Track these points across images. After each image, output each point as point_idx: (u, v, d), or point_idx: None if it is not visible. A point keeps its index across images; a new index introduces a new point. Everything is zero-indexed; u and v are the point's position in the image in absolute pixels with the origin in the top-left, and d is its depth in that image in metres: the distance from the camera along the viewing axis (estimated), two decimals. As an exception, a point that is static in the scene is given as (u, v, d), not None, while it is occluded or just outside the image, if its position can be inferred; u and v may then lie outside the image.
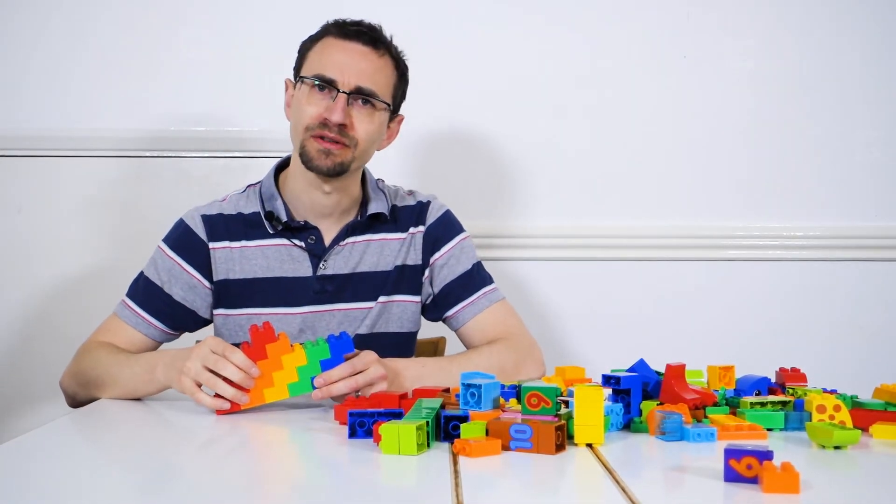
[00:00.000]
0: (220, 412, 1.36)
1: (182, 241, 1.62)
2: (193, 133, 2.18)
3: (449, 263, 1.67)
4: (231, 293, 1.61)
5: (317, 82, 1.55)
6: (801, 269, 2.23)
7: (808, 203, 2.23)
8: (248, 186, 1.68)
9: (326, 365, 1.36)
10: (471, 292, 1.67)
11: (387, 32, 1.62)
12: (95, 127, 2.17)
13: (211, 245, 1.61)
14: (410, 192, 1.73)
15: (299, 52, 1.64)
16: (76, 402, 1.57)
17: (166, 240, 1.63)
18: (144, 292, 1.61)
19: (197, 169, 2.18)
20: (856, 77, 2.23)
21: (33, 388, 2.16)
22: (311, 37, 1.63)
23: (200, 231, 1.62)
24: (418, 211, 1.69)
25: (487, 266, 1.73)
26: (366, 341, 1.62)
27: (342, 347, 1.37)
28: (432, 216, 1.69)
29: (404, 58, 1.65)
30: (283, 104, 1.67)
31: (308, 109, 1.55)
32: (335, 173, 1.56)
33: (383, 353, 1.54)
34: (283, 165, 1.68)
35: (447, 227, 1.70)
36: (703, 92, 2.23)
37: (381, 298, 1.65)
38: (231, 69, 2.18)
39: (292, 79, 1.64)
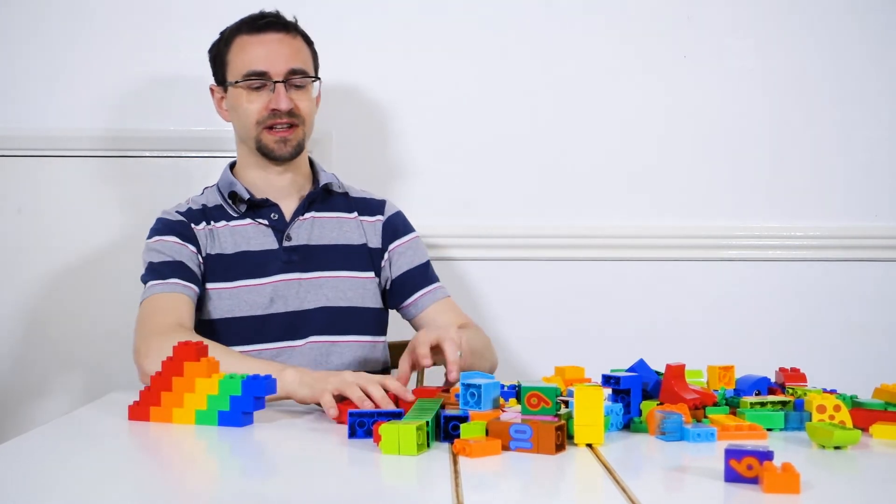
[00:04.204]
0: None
1: (167, 225, 1.70)
2: (193, 133, 2.18)
3: (407, 253, 1.79)
4: (216, 269, 1.69)
5: (252, 80, 1.68)
6: (801, 269, 2.22)
7: (808, 203, 2.23)
8: (205, 188, 1.80)
9: (236, 402, 1.28)
10: (429, 282, 1.79)
11: (286, 14, 1.74)
12: (95, 127, 2.16)
13: (192, 226, 1.71)
14: (364, 191, 1.85)
15: (213, 59, 1.76)
16: None
17: (152, 233, 1.71)
18: (160, 269, 1.65)
19: (197, 169, 2.18)
20: (856, 77, 2.22)
21: (33, 388, 2.16)
22: (218, 41, 1.76)
23: (179, 218, 1.71)
24: (374, 206, 1.81)
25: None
26: (337, 315, 1.70)
27: (258, 388, 1.28)
28: (390, 211, 1.82)
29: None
30: None
31: (252, 107, 1.69)
32: (296, 155, 1.72)
33: (357, 328, 1.69)
34: (235, 165, 1.81)
35: (404, 223, 1.83)
36: (703, 92, 2.22)
37: (344, 273, 1.72)
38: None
39: (216, 84, 1.76)
